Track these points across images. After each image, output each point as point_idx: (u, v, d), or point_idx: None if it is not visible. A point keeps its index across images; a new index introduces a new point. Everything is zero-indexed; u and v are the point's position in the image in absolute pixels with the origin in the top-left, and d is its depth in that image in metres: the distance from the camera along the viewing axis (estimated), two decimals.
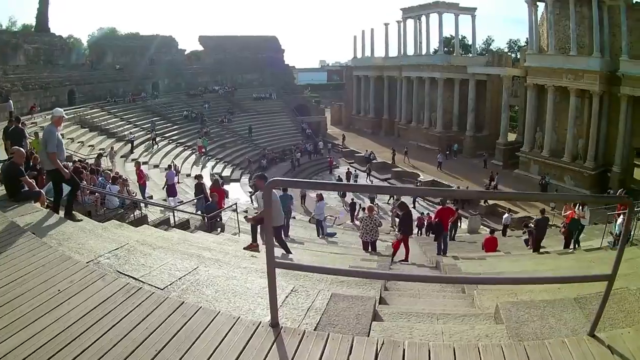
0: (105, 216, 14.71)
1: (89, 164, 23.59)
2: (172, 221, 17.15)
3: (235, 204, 23.51)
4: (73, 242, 7.85)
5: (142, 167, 29.58)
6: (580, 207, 21.28)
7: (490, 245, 21.09)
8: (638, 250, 13.87)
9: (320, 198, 24.69)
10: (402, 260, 16.42)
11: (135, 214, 16.63)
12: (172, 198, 25.32)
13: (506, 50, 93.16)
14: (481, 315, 6.23)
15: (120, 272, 6.59)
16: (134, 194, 20.99)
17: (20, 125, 18.54)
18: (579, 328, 4.90)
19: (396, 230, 19.05)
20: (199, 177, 27.20)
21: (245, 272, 8.32)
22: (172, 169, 31.08)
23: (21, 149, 12.09)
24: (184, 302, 5.28)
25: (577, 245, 19.55)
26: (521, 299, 6.48)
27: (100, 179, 18.86)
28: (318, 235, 23.50)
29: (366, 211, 18.68)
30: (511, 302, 5.79)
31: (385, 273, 8.85)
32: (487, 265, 14.64)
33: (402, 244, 16.97)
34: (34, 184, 11.46)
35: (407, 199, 41.13)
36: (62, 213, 10.69)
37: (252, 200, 31.61)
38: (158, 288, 6.08)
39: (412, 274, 8.55)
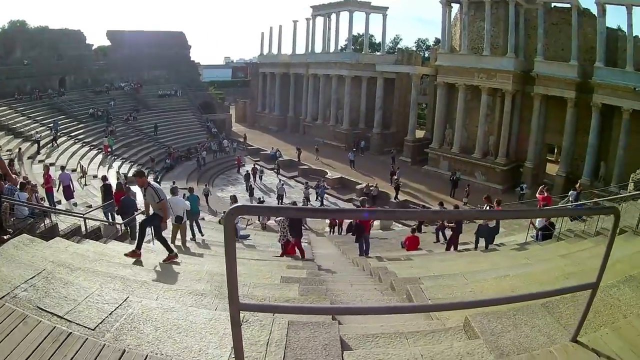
0: (15, 227, 12.89)
1: None
2: (82, 229, 15.65)
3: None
4: None
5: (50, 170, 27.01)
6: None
7: (412, 244, 20.67)
8: (569, 245, 14.39)
9: (234, 200, 24.96)
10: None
11: (45, 223, 14.47)
12: (69, 201, 23.95)
13: (414, 49, 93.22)
14: (450, 329, 5.58)
15: (42, 309, 5.54)
16: (43, 201, 19.34)
17: None
18: (555, 334, 4.71)
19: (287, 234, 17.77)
20: (104, 178, 26.41)
21: (180, 299, 7.41)
22: (65, 170, 29.05)
23: None
24: (125, 350, 4.65)
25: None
26: (484, 309, 5.63)
27: (7, 185, 15.60)
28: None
29: None
30: (480, 313, 5.31)
31: (382, 307, 7.30)
32: (419, 267, 13.76)
33: (295, 247, 17.35)
34: None
35: (298, 196, 42.58)
36: None
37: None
38: (89, 328, 5.18)
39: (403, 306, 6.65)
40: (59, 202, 23.38)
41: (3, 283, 6.05)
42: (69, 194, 24.81)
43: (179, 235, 17.03)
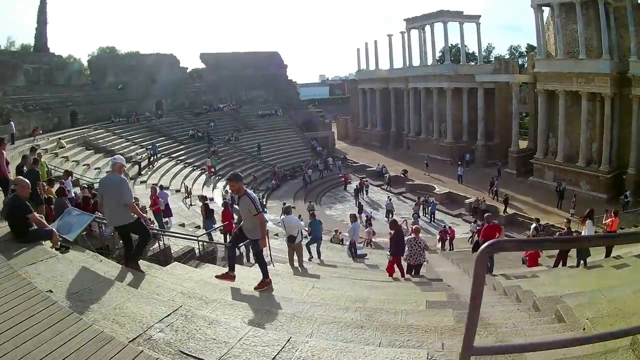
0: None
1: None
2: (197, 252, 16.41)
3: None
4: (106, 306, 6.29)
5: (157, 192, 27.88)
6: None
7: (533, 259, 20.86)
8: None
9: (354, 219, 24.32)
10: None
11: (159, 245, 15.43)
12: (168, 219, 25.04)
13: (507, 57, 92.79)
14: (619, 349, 4.97)
15: (187, 355, 5.18)
16: (152, 223, 20.03)
17: (36, 161, 17.06)
18: None
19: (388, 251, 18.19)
20: (203, 198, 28.39)
21: (339, 333, 6.97)
22: (162, 189, 30.63)
23: (24, 179, 10.31)
24: None
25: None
26: None
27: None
28: (352, 258, 22.78)
29: (411, 232, 18.05)
30: None
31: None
32: (552, 285, 13.73)
33: (394, 265, 16.99)
34: (43, 219, 10.06)
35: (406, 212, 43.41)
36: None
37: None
38: None
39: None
40: (166, 224, 24.28)
41: (133, 322, 5.82)
42: (168, 212, 25.71)
43: (295, 256, 16.96)
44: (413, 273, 16.85)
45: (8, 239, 9.05)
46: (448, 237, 33.49)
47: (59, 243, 9.43)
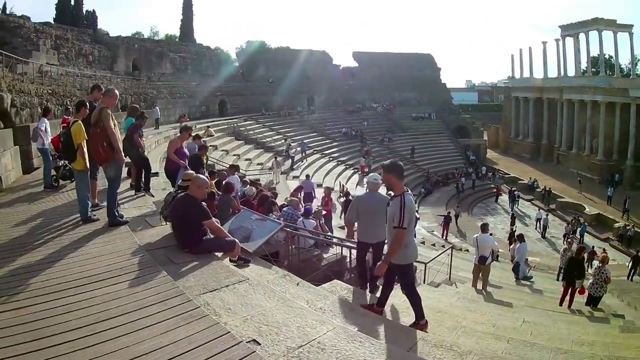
0: (302, 261, 12.59)
1: (268, 189, 22.74)
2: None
3: None
4: None
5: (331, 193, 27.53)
6: None
7: None
8: None
9: (521, 239, 23.10)
10: None
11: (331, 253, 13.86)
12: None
13: None
14: None
15: None
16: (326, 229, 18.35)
17: (201, 147, 17.69)
18: None
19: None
20: (347, 193, 30.40)
21: None
22: (308, 178, 31.82)
23: (202, 176, 9.19)
24: None
25: None
26: None
27: (286, 208, 16.07)
28: (516, 280, 22.11)
29: (599, 261, 17.23)
30: None
31: None
32: None
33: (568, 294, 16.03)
34: (220, 226, 9.01)
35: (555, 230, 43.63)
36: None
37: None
38: None
39: None
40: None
41: None
42: (308, 201, 24.70)
43: (480, 278, 16.34)
44: (592, 306, 15.79)
45: (172, 248, 8.23)
46: (592, 257, 33.45)
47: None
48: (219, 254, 8.41)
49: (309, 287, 8.41)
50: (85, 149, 10.23)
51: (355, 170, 52.96)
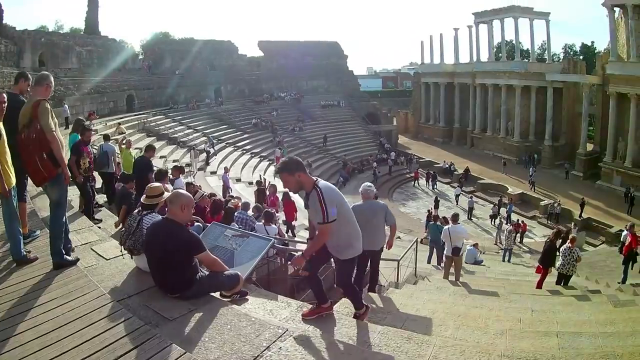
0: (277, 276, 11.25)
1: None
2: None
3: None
4: None
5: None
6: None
7: None
8: None
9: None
10: None
11: (280, 260, 12.74)
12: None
13: (562, 55, 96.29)
14: None
15: None
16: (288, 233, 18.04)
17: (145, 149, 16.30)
18: None
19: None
20: (258, 182, 28.33)
21: None
22: (226, 171, 32.35)
23: (185, 192, 6.91)
24: None
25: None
26: None
27: (238, 212, 13.31)
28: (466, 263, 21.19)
29: (568, 242, 16.64)
30: None
31: None
32: None
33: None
34: (218, 258, 6.68)
35: (480, 212, 43.74)
36: None
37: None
38: None
39: None
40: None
41: None
42: (223, 194, 25.16)
43: (452, 270, 15.98)
44: (563, 284, 15.95)
45: (151, 293, 6.15)
46: (520, 230, 37.37)
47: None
48: (214, 293, 6.45)
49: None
50: (3, 162, 6.90)
51: (271, 162, 52.02)
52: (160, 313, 5.46)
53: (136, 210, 7.58)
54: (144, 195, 7.59)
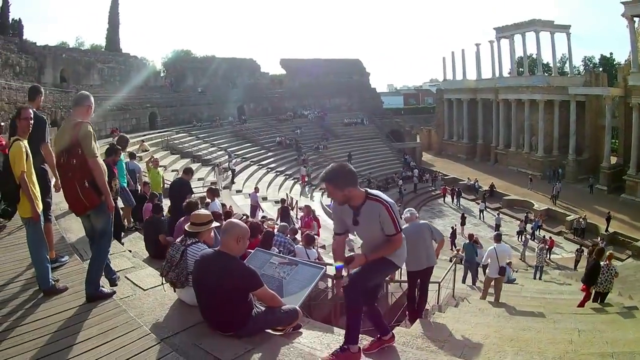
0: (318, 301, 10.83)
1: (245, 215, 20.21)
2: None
3: None
4: None
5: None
6: None
7: None
8: None
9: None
10: None
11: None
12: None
13: (582, 68, 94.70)
14: None
15: None
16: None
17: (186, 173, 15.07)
18: None
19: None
20: (282, 200, 28.86)
21: None
22: (256, 191, 31.27)
23: (239, 221, 6.01)
24: None
25: None
26: None
27: (279, 237, 12.76)
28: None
29: (606, 259, 15.87)
30: None
31: None
32: None
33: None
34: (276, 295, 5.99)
35: (507, 228, 44.23)
36: None
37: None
38: None
39: None
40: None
41: None
42: (253, 214, 25.50)
43: (491, 290, 15.41)
44: (600, 301, 15.27)
45: (199, 330, 5.65)
46: (547, 247, 36.40)
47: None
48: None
49: None
50: (30, 183, 6.73)
51: (296, 180, 52.37)
52: (213, 354, 4.95)
53: (179, 239, 6.89)
54: (189, 223, 6.96)
